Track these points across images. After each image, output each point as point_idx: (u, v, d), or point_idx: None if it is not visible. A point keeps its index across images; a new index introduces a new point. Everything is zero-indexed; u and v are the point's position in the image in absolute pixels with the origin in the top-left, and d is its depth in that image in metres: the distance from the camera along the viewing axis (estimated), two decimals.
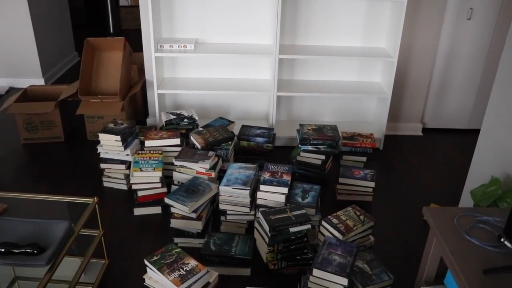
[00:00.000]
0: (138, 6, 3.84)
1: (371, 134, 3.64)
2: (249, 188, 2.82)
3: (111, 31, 7.54)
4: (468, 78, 4.23)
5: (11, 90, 5.21)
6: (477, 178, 2.75)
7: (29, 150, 3.93)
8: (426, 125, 4.46)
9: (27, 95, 4.21)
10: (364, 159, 3.55)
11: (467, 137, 4.25)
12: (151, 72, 3.98)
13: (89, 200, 2.46)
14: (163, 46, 3.78)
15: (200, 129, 3.58)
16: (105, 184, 3.45)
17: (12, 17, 4.97)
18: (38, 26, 5.17)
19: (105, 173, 3.42)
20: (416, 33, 3.99)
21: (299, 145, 3.50)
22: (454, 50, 4.12)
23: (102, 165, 3.39)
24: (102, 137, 3.33)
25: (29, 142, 4.02)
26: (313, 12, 3.91)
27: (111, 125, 3.39)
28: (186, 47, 3.79)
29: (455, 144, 4.14)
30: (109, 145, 3.33)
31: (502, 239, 1.81)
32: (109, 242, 2.83)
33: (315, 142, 3.45)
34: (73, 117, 4.13)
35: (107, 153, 3.37)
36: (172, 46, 3.78)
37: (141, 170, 3.06)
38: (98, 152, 3.39)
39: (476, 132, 2.84)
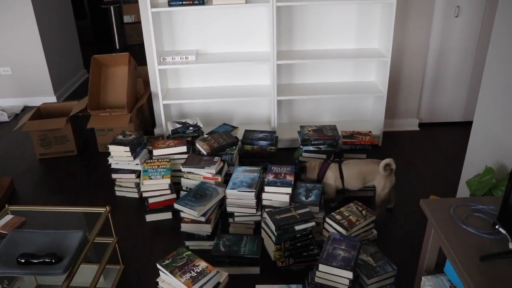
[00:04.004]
0: (141, 22, 3.87)
1: (370, 131, 3.63)
2: (254, 190, 2.84)
3: (117, 47, 7.65)
4: (459, 73, 4.22)
5: (26, 109, 5.25)
6: (472, 168, 2.74)
7: (44, 165, 3.96)
8: (422, 120, 4.45)
9: (41, 113, 4.25)
10: (364, 156, 3.53)
11: (462, 130, 4.23)
12: (155, 84, 4.01)
13: (101, 210, 2.49)
14: (165, 59, 3.79)
15: (205, 136, 3.59)
16: (118, 193, 3.48)
17: (24, 41, 5.03)
18: (48, 48, 5.22)
19: (117, 183, 3.45)
20: (407, 33, 3.99)
21: (301, 146, 3.50)
22: (445, 47, 4.11)
23: (114, 175, 3.42)
24: (112, 148, 3.35)
25: (44, 157, 4.06)
26: (307, 18, 3.91)
27: (120, 137, 3.41)
28: (188, 58, 3.81)
29: (451, 137, 4.11)
30: (119, 156, 3.35)
31: (496, 226, 1.81)
32: (124, 247, 2.86)
33: (316, 142, 3.46)
34: (84, 131, 4.17)
35: (117, 163, 3.39)
36: (174, 58, 3.80)
37: (151, 178, 3.09)
38: (109, 163, 3.41)
39: (471, 124, 2.82)
